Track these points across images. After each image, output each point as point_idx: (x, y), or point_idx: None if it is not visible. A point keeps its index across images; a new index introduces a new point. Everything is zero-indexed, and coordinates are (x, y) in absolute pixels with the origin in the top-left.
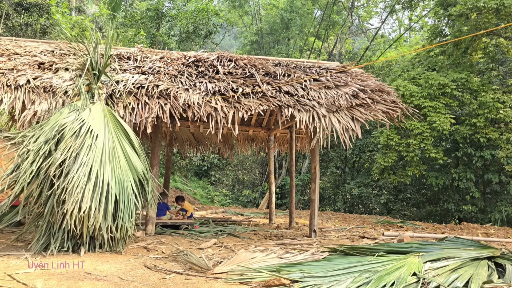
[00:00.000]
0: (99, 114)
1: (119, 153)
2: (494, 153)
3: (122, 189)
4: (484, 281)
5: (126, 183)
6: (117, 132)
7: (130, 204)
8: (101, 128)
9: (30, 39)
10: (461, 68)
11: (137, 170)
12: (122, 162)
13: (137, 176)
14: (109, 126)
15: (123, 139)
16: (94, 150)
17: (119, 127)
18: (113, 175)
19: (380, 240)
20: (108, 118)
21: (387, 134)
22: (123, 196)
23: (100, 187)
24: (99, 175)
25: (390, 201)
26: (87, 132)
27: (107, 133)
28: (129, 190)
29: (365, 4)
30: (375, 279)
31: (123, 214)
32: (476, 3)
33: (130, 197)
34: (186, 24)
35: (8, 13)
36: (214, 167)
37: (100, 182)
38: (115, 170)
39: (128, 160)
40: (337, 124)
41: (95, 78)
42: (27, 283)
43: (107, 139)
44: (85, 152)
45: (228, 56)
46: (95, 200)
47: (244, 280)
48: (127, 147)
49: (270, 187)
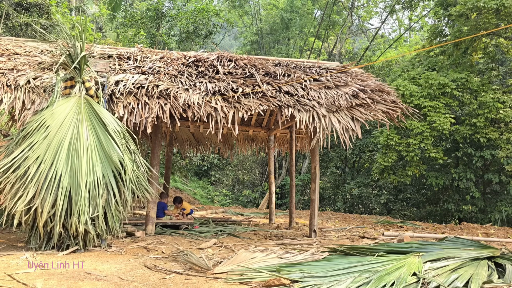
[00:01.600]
0: (69, 107)
1: (88, 146)
2: (494, 153)
3: (76, 182)
4: (484, 281)
5: (82, 177)
6: (93, 123)
7: (88, 197)
8: (63, 120)
9: (30, 39)
10: (461, 68)
11: (112, 160)
12: (86, 154)
13: (114, 167)
14: (78, 118)
15: (100, 130)
16: (49, 143)
17: (96, 118)
18: (69, 168)
19: (380, 240)
20: (83, 110)
21: (387, 134)
22: (77, 191)
23: (50, 181)
24: (51, 167)
25: (390, 201)
26: (41, 126)
27: (71, 125)
28: (98, 179)
29: (365, 4)
30: (375, 279)
31: (79, 209)
32: (476, 3)
33: (96, 189)
34: (186, 24)
35: (8, 13)
36: (214, 167)
37: (51, 176)
38: (73, 163)
39: (104, 150)
40: (337, 124)
41: (77, 71)
42: (27, 283)
43: (70, 130)
44: (35, 147)
45: (228, 56)
46: (41, 195)
47: (244, 280)
48: (102, 136)
49: (270, 187)
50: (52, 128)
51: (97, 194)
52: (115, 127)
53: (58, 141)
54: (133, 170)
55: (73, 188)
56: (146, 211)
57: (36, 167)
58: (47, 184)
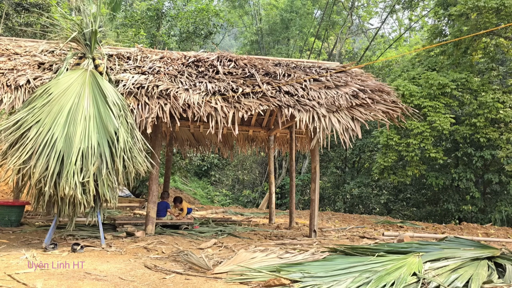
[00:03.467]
0: (74, 78)
1: (87, 114)
2: (494, 153)
3: (69, 147)
4: (484, 281)
5: (75, 143)
6: (95, 95)
7: (80, 162)
8: (67, 89)
9: (30, 39)
10: (461, 68)
11: (108, 130)
12: (82, 122)
13: (109, 136)
14: (81, 88)
15: (100, 101)
16: (51, 108)
17: (98, 90)
18: (64, 134)
19: (380, 240)
20: (87, 82)
21: (387, 134)
22: (69, 155)
23: (46, 144)
24: (49, 131)
25: (390, 201)
26: (44, 93)
27: (73, 94)
28: (93, 147)
29: (365, 4)
30: (375, 279)
31: (63, 173)
32: (476, 2)
33: (89, 156)
34: (186, 24)
35: (8, 13)
36: (214, 167)
37: (47, 139)
38: (69, 129)
39: (102, 119)
40: (337, 124)
41: (88, 48)
42: (27, 283)
43: (72, 99)
44: (36, 111)
45: (228, 56)
46: (36, 156)
47: (244, 280)
48: (102, 107)
49: (270, 187)
50: (55, 96)
51: (89, 161)
52: (115, 100)
53: (58, 108)
54: (126, 141)
55: (66, 153)
56: (146, 211)
57: (36, 130)
58: (42, 146)
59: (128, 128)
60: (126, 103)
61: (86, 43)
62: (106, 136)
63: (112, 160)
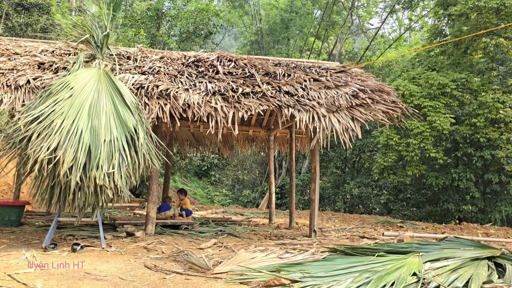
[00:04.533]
0: (88, 74)
1: (105, 108)
2: (494, 153)
3: (96, 139)
4: (484, 281)
5: (101, 135)
6: (110, 90)
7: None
8: (85, 84)
9: (30, 39)
10: (461, 68)
11: (127, 126)
12: (105, 116)
13: (128, 131)
14: (98, 85)
15: (116, 96)
16: (72, 102)
17: (113, 87)
18: (89, 126)
19: (380, 240)
20: (101, 78)
21: (387, 134)
22: (96, 147)
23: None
24: (73, 123)
25: (390, 201)
26: (65, 87)
27: (92, 89)
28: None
29: (365, 4)
30: (375, 279)
31: (93, 164)
32: (476, 2)
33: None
34: (186, 24)
35: (8, 13)
36: (214, 167)
37: (72, 131)
38: (93, 122)
39: (119, 115)
40: (337, 124)
41: (98, 49)
42: (27, 283)
43: (91, 94)
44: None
45: (228, 56)
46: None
47: (244, 280)
48: (118, 104)
49: (270, 187)
50: (76, 90)
51: (113, 154)
52: (131, 99)
53: (80, 102)
54: (144, 138)
55: (93, 144)
56: (146, 211)
57: (61, 121)
58: (69, 137)
59: (144, 125)
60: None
61: (97, 45)
62: (125, 132)
63: (130, 155)
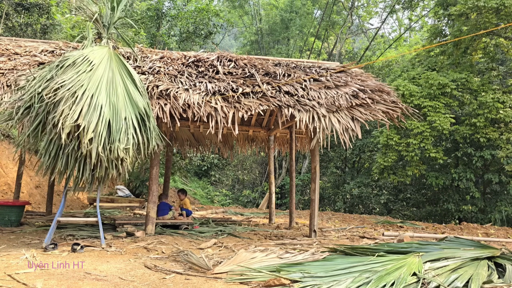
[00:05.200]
0: (102, 52)
1: (119, 87)
2: (494, 153)
3: (116, 115)
4: (484, 281)
5: (120, 111)
6: (120, 71)
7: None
8: (101, 61)
9: (30, 39)
10: (461, 68)
11: (138, 106)
12: (120, 94)
13: (138, 112)
14: (111, 63)
15: (126, 77)
16: (91, 76)
17: (123, 67)
18: (108, 102)
19: (380, 240)
20: (112, 58)
21: (387, 134)
22: (116, 122)
23: (93, 108)
24: (93, 97)
25: (390, 201)
26: (84, 61)
27: (107, 67)
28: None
29: (365, 4)
30: (375, 279)
31: (115, 137)
32: (476, 2)
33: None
34: (186, 24)
35: (8, 13)
36: (214, 167)
37: (93, 104)
38: (111, 98)
39: (130, 95)
40: (337, 124)
41: (105, 28)
42: (27, 283)
43: (106, 71)
44: (81, 76)
45: (228, 56)
46: (86, 117)
47: (244, 280)
48: (129, 84)
49: (270, 187)
50: (95, 64)
51: (129, 130)
52: (140, 82)
53: (98, 77)
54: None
55: (113, 120)
56: (146, 211)
57: (82, 93)
58: (91, 110)
59: (150, 107)
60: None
61: (104, 24)
62: (135, 112)
63: (141, 134)
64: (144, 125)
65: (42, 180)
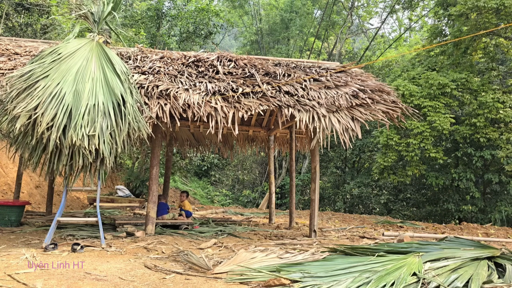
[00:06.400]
0: (81, 44)
1: (92, 75)
2: (494, 153)
3: (78, 102)
4: (484, 281)
5: (85, 98)
6: (101, 60)
7: (92, 118)
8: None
9: (30, 39)
10: (461, 68)
11: (114, 93)
12: (91, 82)
13: (115, 98)
14: (89, 54)
15: (106, 66)
16: (58, 66)
17: (104, 57)
18: (73, 90)
19: (380, 240)
20: (94, 49)
21: (387, 134)
22: (77, 109)
23: (54, 96)
24: (57, 86)
25: (390, 201)
26: (53, 53)
27: (80, 57)
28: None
29: (365, 4)
30: (375, 279)
31: (77, 123)
32: (476, 2)
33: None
34: (186, 24)
35: (8, 13)
36: (214, 167)
37: (55, 92)
38: (78, 86)
39: (107, 83)
40: (337, 124)
41: (95, 24)
42: (27, 283)
43: (79, 61)
44: (46, 67)
45: (228, 56)
46: (43, 107)
47: (244, 280)
48: (109, 73)
49: (270, 187)
50: (63, 56)
51: (95, 117)
52: (122, 68)
53: (66, 67)
54: (131, 104)
55: (74, 107)
56: (146, 211)
57: (44, 84)
58: (50, 98)
59: (133, 94)
60: (130, 72)
61: (95, 19)
62: (112, 98)
63: (116, 121)
64: (120, 111)
65: (42, 180)
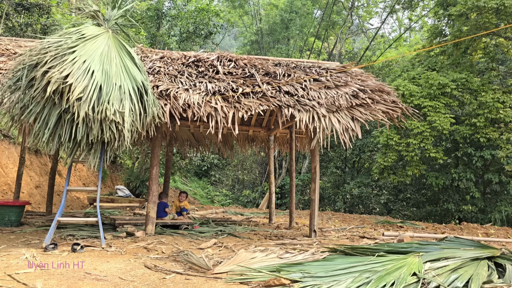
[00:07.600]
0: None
1: (114, 60)
2: (494, 153)
3: (108, 80)
4: (484, 281)
5: (114, 78)
6: (118, 49)
7: (119, 97)
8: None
9: (30, 39)
10: (461, 68)
11: (136, 79)
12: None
13: (136, 85)
14: (108, 41)
15: (124, 55)
16: (84, 45)
17: (122, 47)
18: (101, 69)
19: (380, 240)
20: (112, 38)
21: (387, 134)
22: (108, 86)
23: (83, 71)
24: (85, 62)
25: (390, 201)
26: (77, 32)
27: (102, 42)
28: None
29: (365, 4)
30: (375, 279)
31: (105, 99)
32: (476, 2)
33: (120, 92)
34: (187, 24)
35: (8, 13)
36: (214, 167)
37: (85, 67)
38: (105, 66)
39: (127, 69)
40: (337, 124)
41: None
42: (27, 283)
43: (102, 45)
44: (73, 43)
45: (228, 56)
46: (74, 76)
47: (244, 280)
48: (128, 61)
49: (270, 187)
50: (88, 37)
51: (123, 97)
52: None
53: (92, 47)
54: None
55: (104, 84)
56: (146, 211)
57: (72, 58)
58: (81, 72)
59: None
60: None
61: (105, 18)
62: (132, 84)
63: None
64: (141, 97)
65: (42, 180)
